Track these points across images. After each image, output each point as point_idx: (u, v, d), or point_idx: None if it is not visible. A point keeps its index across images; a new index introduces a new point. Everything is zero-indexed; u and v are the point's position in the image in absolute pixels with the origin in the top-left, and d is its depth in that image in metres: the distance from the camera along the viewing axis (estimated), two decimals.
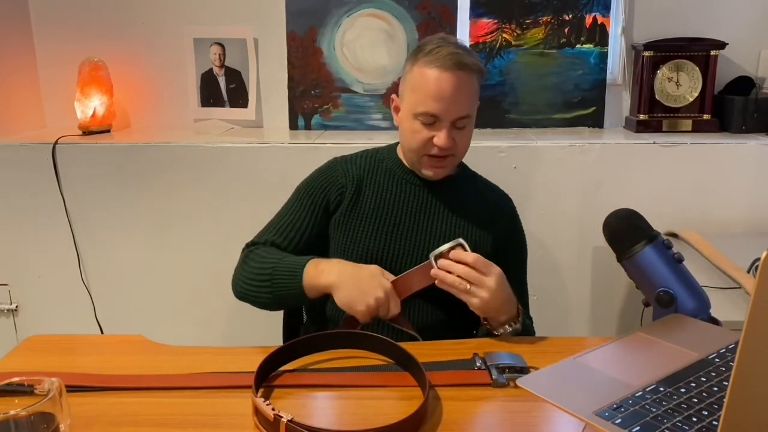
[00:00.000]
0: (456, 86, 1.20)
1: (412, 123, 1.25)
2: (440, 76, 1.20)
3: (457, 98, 1.21)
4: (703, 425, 0.70)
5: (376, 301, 1.13)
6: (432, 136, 1.23)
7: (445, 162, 1.27)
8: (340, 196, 1.32)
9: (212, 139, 2.00)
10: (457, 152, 1.28)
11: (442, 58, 1.20)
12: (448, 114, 1.21)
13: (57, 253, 2.04)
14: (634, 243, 1.04)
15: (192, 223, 2.01)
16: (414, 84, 1.24)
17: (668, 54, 2.04)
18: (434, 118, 1.22)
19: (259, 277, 1.24)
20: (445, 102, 1.20)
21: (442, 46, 1.22)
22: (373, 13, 2.09)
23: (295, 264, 1.21)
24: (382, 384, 1.00)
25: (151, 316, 2.07)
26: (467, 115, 1.24)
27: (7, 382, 0.86)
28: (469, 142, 1.30)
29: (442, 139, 1.22)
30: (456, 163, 1.32)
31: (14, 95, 2.16)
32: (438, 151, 1.24)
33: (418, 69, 1.23)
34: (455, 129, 1.24)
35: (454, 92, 1.20)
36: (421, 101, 1.22)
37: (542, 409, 0.91)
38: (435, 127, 1.23)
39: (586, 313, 2.03)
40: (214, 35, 2.16)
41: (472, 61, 1.22)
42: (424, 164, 1.28)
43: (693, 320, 0.98)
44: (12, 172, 2.00)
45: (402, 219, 1.30)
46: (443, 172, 1.29)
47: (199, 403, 0.95)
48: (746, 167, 1.91)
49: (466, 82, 1.21)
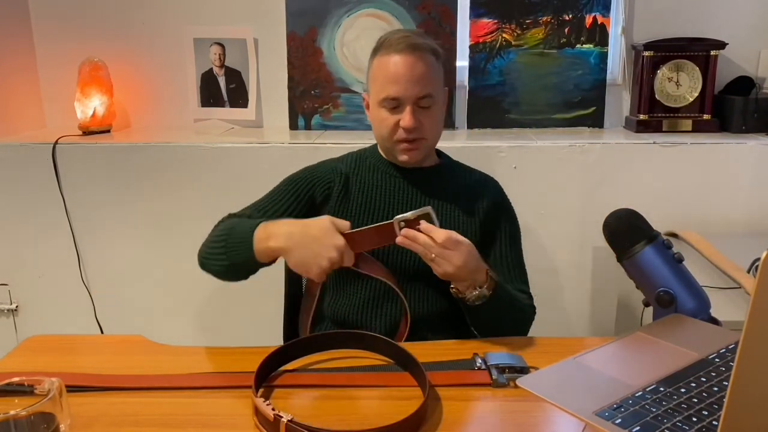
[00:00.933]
0: (411, 66, 1.24)
1: (378, 112, 1.29)
2: (395, 59, 1.25)
3: (413, 77, 1.24)
4: (703, 425, 0.70)
5: (329, 262, 1.12)
6: (398, 119, 1.27)
7: (416, 144, 1.29)
8: (327, 191, 1.34)
9: (212, 139, 2.00)
10: (427, 134, 1.29)
11: (394, 43, 1.26)
12: (408, 93, 1.25)
13: (57, 253, 2.04)
14: (634, 243, 1.04)
15: (192, 223, 2.01)
16: (374, 74, 1.29)
17: (668, 54, 2.04)
18: (396, 101, 1.26)
19: (215, 244, 1.25)
20: (403, 82, 1.24)
21: (394, 34, 1.28)
22: (373, 13, 2.09)
23: (247, 228, 1.20)
24: (382, 384, 1.00)
25: (151, 316, 2.07)
26: (428, 94, 1.26)
27: (7, 382, 0.86)
28: (439, 125, 1.32)
29: (406, 120, 1.25)
30: (429, 146, 1.33)
31: (14, 95, 2.16)
32: (406, 133, 1.27)
33: (376, 60, 1.28)
34: (420, 109, 1.26)
35: (409, 72, 1.24)
36: (381, 88, 1.26)
37: (542, 409, 0.91)
38: (399, 110, 1.26)
39: (586, 313, 2.03)
40: (214, 35, 2.16)
41: (423, 42, 1.27)
42: (397, 151, 1.31)
43: (693, 320, 0.98)
44: (12, 172, 2.00)
45: (390, 211, 1.31)
46: (416, 156, 1.31)
47: (199, 403, 0.95)
48: (746, 167, 1.91)
49: (422, 62, 1.25)
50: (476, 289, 1.15)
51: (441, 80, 1.31)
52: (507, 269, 1.32)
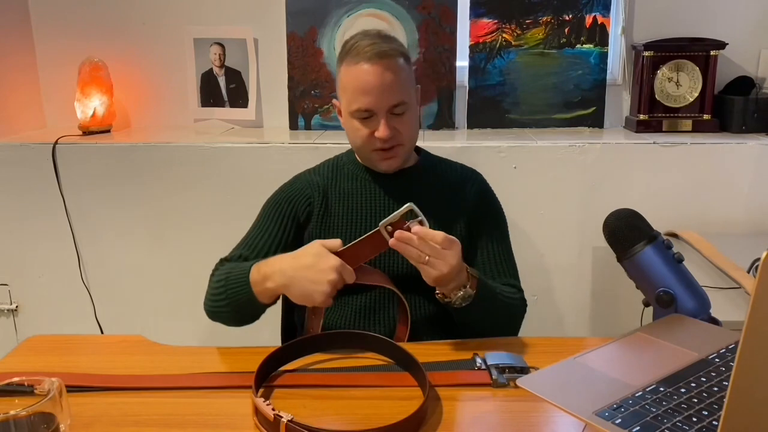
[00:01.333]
0: (381, 76, 1.21)
1: (351, 122, 1.27)
2: (364, 70, 1.21)
3: (384, 88, 1.22)
4: (703, 425, 0.70)
5: (330, 285, 1.08)
6: (372, 130, 1.24)
7: (394, 152, 1.27)
8: (309, 207, 1.32)
9: (212, 139, 2.00)
10: (404, 140, 1.27)
11: (362, 52, 1.22)
12: (381, 105, 1.22)
13: (57, 253, 2.05)
14: (634, 243, 1.04)
15: (192, 222, 2.01)
16: (344, 84, 1.26)
17: (668, 54, 2.04)
18: (368, 112, 1.23)
19: (217, 297, 1.22)
20: (374, 94, 1.22)
21: (360, 41, 1.24)
22: (373, 13, 2.09)
23: (242, 274, 1.18)
24: (382, 384, 1.00)
25: (151, 316, 2.07)
26: (401, 101, 1.24)
27: (7, 382, 0.86)
28: (415, 128, 1.29)
29: (381, 131, 1.23)
30: (407, 151, 1.31)
31: (14, 95, 2.16)
32: (382, 143, 1.25)
33: (344, 69, 1.25)
34: (394, 116, 1.24)
35: (380, 82, 1.21)
36: (353, 99, 1.24)
37: (542, 409, 0.91)
38: (372, 120, 1.24)
39: (586, 313, 2.03)
40: (214, 35, 2.16)
41: (391, 47, 1.23)
42: (374, 159, 1.29)
43: (693, 320, 0.98)
44: (12, 172, 2.00)
45: (374, 218, 1.30)
46: (396, 163, 1.29)
47: (199, 403, 0.95)
48: (746, 167, 1.91)
49: (391, 69, 1.22)
50: (461, 289, 1.12)
51: (412, 82, 1.28)
52: (496, 264, 1.31)
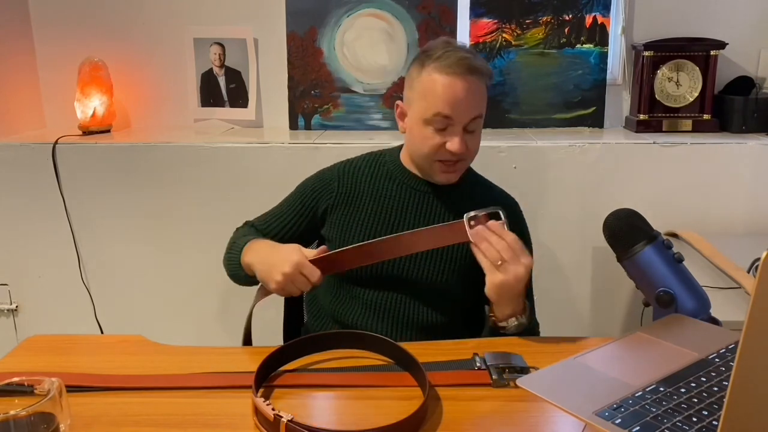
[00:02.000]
0: (468, 90, 1.20)
1: (422, 129, 1.24)
2: (452, 82, 1.19)
3: (470, 102, 1.21)
4: (703, 425, 0.70)
5: (282, 276, 1.14)
6: (444, 141, 1.22)
7: (457, 167, 1.27)
8: (332, 199, 1.34)
9: (212, 139, 2.00)
10: (468, 156, 1.28)
11: (453, 63, 1.20)
12: (462, 118, 1.21)
13: (57, 253, 2.05)
14: (634, 243, 1.04)
15: (192, 222, 2.01)
16: (424, 90, 1.23)
17: (668, 54, 2.04)
18: (447, 122, 1.21)
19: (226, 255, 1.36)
20: (459, 106, 1.20)
21: (449, 50, 1.22)
22: (373, 13, 2.09)
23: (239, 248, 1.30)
24: (382, 384, 1.00)
25: (151, 316, 2.07)
26: (479, 114, 1.24)
27: (7, 382, 0.86)
28: (479, 145, 1.30)
29: (455, 145, 1.21)
30: (466, 167, 1.32)
31: (14, 95, 2.16)
32: (451, 156, 1.24)
33: (427, 75, 1.22)
34: (467, 133, 1.23)
35: (466, 96, 1.20)
36: (432, 106, 1.21)
37: (542, 409, 0.91)
38: (447, 132, 1.22)
39: (586, 313, 2.03)
40: (214, 35, 2.16)
41: (481, 65, 1.23)
42: (435, 170, 1.27)
43: (693, 320, 0.98)
44: (12, 172, 2.00)
45: (401, 222, 1.30)
46: (455, 177, 1.29)
47: (199, 403, 0.95)
48: (746, 167, 1.91)
49: (477, 86, 1.22)
50: (516, 318, 1.13)
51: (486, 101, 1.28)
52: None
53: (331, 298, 1.33)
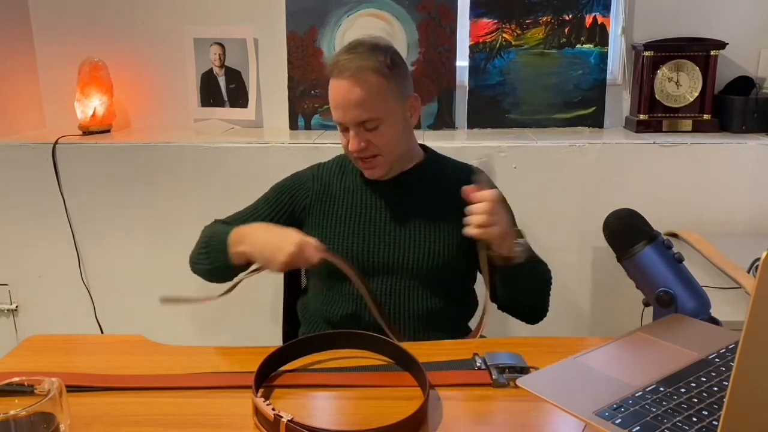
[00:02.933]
0: (348, 92, 1.22)
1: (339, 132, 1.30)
2: (335, 86, 1.24)
3: (350, 104, 1.22)
4: (703, 425, 0.70)
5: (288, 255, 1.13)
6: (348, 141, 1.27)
7: (373, 162, 1.28)
8: (308, 199, 1.35)
9: (212, 139, 2.00)
10: (381, 151, 1.27)
11: (336, 67, 1.24)
12: (347, 120, 1.24)
13: (57, 253, 2.05)
14: (634, 243, 1.04)
15: (192, 222, 2.00)
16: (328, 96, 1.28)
17: (668, 54, 2.04)
18: (341, 125, 1.27)
19: (200, 250, 1.33)
20: (341, 109, 1.24)
21: (341, 54, 1.25)
22: (373, 13, 2.09)
23: (224, 234, 1.26)
24: (382, 384, 1.00)
25: (151, 316, 2.07)
26: (368, 118, 1.23)
27: (7, 382, 0.86)
28: (395, 139, 1.28)
29: (351, 144, 1.26)
30: (390, 160, 1.30)
31: (14, 95, 2.16)
32: (356, 154, 1.27)
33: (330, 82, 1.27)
34: (366, 131, 1.24)
35: (345, 99, 1.23)
36: (331, 110, 1.27)
37: (542, 409, 0.91)
38: (348, 133, 1.26)
39: (586, 313, 2.03)
40: (214, 35, 2.16)
41: (367, 63, 1.22)
42: (359, 167, 1.32)
43: (693, 320, 0.98)
44: (12, 172, 2.00)
45: (375, 215, 1.31)
46: (378, 172, 1.30)
47: (199, 403, 0.95)
48: (746, 167, 1.91)
49: (360, 86, 1.21)
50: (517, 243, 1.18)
51: (392, 97, 1.25)
52: None
53: (321, 301, 1.33)
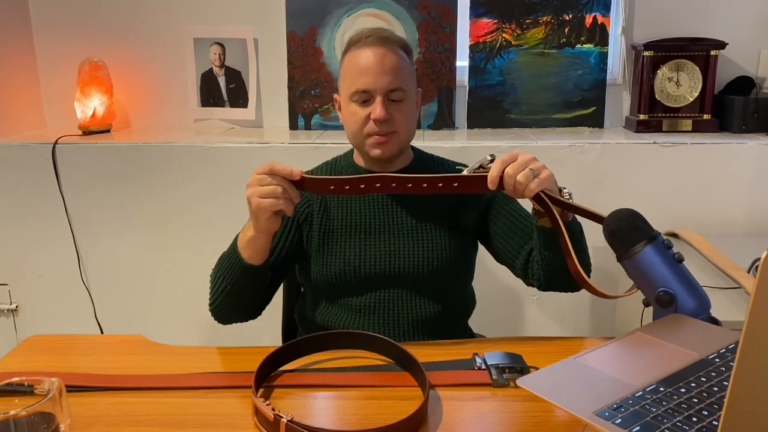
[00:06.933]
0: (380, 58, 1.23)
1: (349, 107, 1.26)
2: (364, 53, 1.24)
3: (383, 69, 1.23)
4: (703, 425, 0.70)
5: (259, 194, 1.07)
6: (368, 113, 1.24)
7: (388, 138, 1.25)
8: (308, 209, 1.31)
9: (212, 139, 2.00)
10: (399, 128, 1.25)
11: (363, 38, 1.25)
12: (378, 85, 1.23)
13: (57, 253, 2.05)
14: (634, 243, 1.04)
15: (192, 223, 2.01)
16: (345, 71, 1.27)
17: (668, 54, 2.04)
18: (367, 93, 1.23)
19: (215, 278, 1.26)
20: (373, 74, 1.23)
21: (362, 32, 1.27)
22: (373, 13, 2.09)
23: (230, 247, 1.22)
24: (382, 384, 1.00)
25: (151, 316, 2.08)
26: (399, 87, 1.24)
27: (7, 382, 0.86)
28: (411, 122, 1.28)
29: (377, 111, 1.22)
30: (402, 142, 1.28)
31: (14, 95, 2.16)
32: (377, 126, 1.24)
33: (347, 59, 1.27)
34: (390, 102, 1.24)
35: (379, 64, 1.23)
36: (352, 82, 1.25)
37: (542, 409, 0.91)
38: (369, 103, 1.24)
39: (586, 313, 2.03)
40: (214, 35, 2.16)
41: (392, 35, 1.27)
42: (368, 146, 1.27)
43: (693, 320, 0.98)
44: (12, 172, 2.00)
45: (374, 221, 1.29)
46: (388, 150, 1.26)
47: (199, 403, 0.95)
48: (746, 167, 1.91)
49: (391, 55, 1.24)
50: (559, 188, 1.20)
51: (413, 77, 1.29)
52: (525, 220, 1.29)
53: (318, 311, 1.31)
